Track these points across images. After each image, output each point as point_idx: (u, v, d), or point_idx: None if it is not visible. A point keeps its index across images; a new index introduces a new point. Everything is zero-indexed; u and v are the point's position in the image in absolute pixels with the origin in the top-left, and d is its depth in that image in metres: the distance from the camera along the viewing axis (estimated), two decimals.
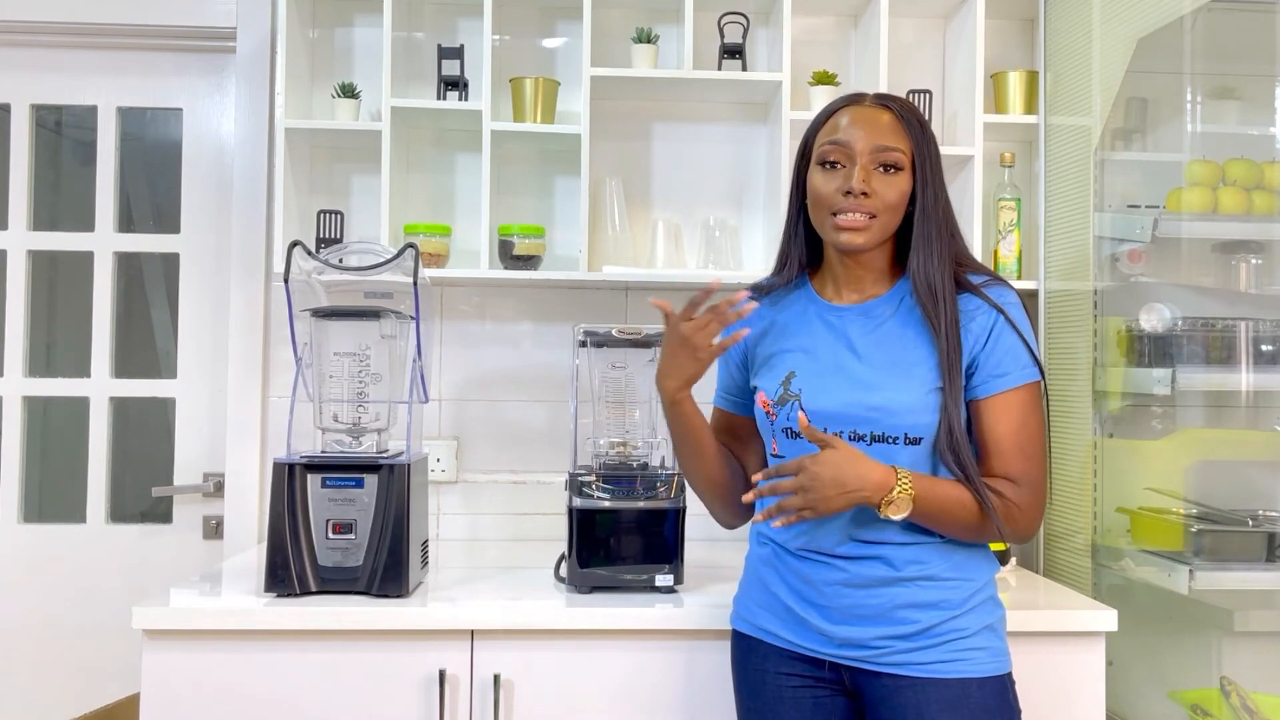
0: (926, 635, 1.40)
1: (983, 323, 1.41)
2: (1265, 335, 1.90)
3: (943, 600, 1.41)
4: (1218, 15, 1.88)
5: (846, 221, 1.41)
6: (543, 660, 1.69)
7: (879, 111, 1.44)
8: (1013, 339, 1.41)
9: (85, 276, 2.45)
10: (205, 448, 2.43)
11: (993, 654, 1.41)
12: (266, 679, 1.67)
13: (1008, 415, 1.40)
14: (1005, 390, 1.40)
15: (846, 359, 1.45)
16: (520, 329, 2.38)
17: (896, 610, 1.40)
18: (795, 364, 1.48)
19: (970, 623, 1.41)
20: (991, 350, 1.41)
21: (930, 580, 1.41)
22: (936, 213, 1.42)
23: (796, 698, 1.47)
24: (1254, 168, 1.97)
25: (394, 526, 1.74)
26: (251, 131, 2.35)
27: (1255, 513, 1.89)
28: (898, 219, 1.43)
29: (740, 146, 2.41)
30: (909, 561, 1.41)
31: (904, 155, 1.41)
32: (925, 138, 1.44)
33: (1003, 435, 1.40)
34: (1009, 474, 1.40)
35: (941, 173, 1.45)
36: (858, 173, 1.40)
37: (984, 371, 1.41)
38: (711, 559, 2.12)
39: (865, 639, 1.41)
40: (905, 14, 2.38)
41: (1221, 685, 1.82)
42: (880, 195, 1.40)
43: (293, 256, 1.79)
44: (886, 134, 1.42)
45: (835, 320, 1.49)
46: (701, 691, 1.70)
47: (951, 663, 1.39)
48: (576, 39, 2.33)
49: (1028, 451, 1.40)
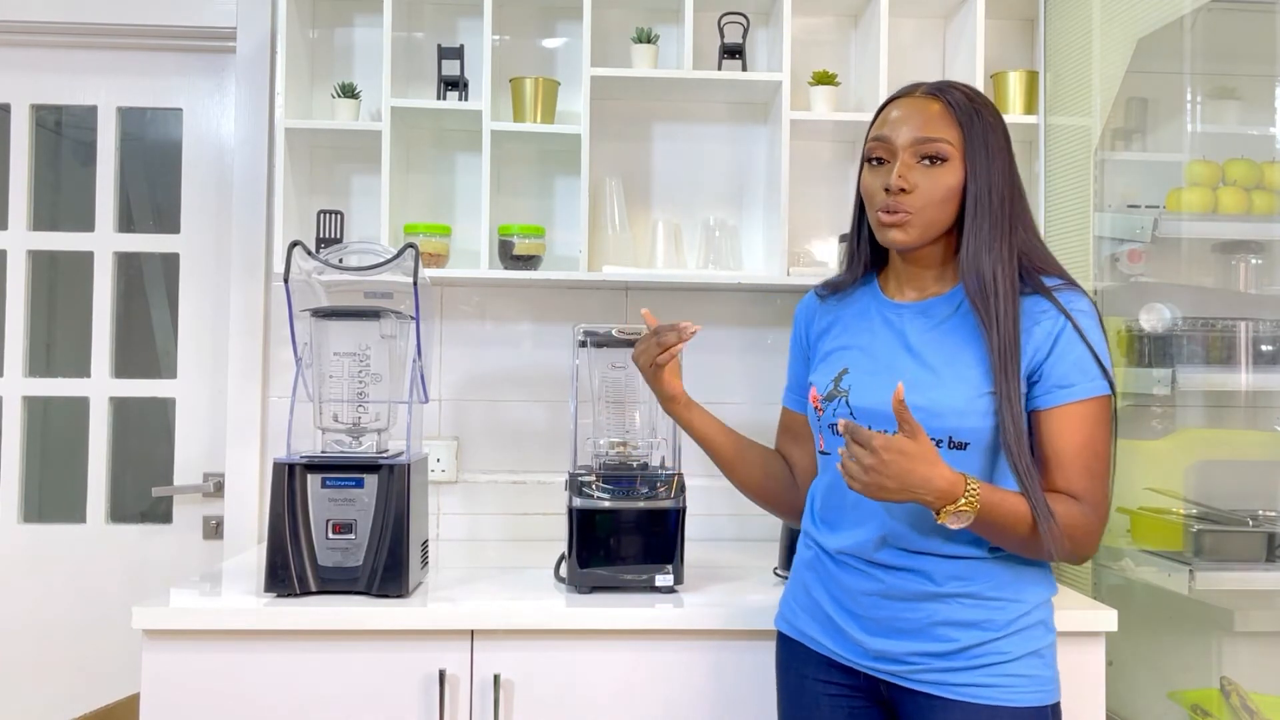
0: (964, 656, 1.33)
1: (1047, 328, 1.33)
2: (1265, 335, 1.90)
3: (985, 620, 1.34)
4: (1218, 15, 1.88)
5: (889, 219, 1.36)
6: (543, 660, 1.69)
7: (927, 102, 1.37)
8: (1080, 349, 1.32)
9: (85, 276, 2.45)
10: (205, 448, 2.43)
11: (1036, 683, 1.34)
12: (266, 679, 1.67)
13: (1071, 430, 1.31)
14: (1070, 403, 1.31)
15: (899, 358, 1.40)
16: (520, 329, 2.38)
17: (934, 627, 1.35)
18: (850, 361, 1.44)
19: (1013, 647, 1.33)
20: (1057, 359, 1.32)
21: (972, 598, 1.34)
22: (990, 203, 1.34)
23: (834, 706, 1.45)
24: (1254, 168, 1.97)
25: (394, 526, 1.74)
26: (251, 131, 2.35)
27: (1255, 513, 1.89)
28: (946, 213, 1.36)
29: (740, 146, 2.41)
30: (951, 577, 1.35)
31: (949, 145, 1.34)
32: (979, 124, 1.36)
33: (1066, 450, 1.31)
34: (1071, 491, 1.31)
35: (1004, 161, 1.36)
36: (897, 168, 1.35)
37: (1048, 381, 1.33)
38: (711, 559, 2.12)
39: (899, 653, 1.37)
40: (905, 14, 2.38)
41: (1221, 685, 1.82)
42: (921, 190, 1.35)
43: (293, 256, 1.79)
44: (930, 125, 1.35)
45: (894, 318, 1.44)
46: (702, 691, 1.70)
47: (988, 688, 1.32)
48: (576, 39, 2.33)
49: (1093, 469, 1.32)
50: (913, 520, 1.36)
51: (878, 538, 1.38)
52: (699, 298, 2.40)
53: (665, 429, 1.91)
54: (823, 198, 2.41)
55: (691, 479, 2.31)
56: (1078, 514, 1.30)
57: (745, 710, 1.70)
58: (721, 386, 2.39)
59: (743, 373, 2.40)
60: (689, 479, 2.14)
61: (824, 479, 1.50)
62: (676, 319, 2.34)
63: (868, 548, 1.39)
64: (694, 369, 2.36)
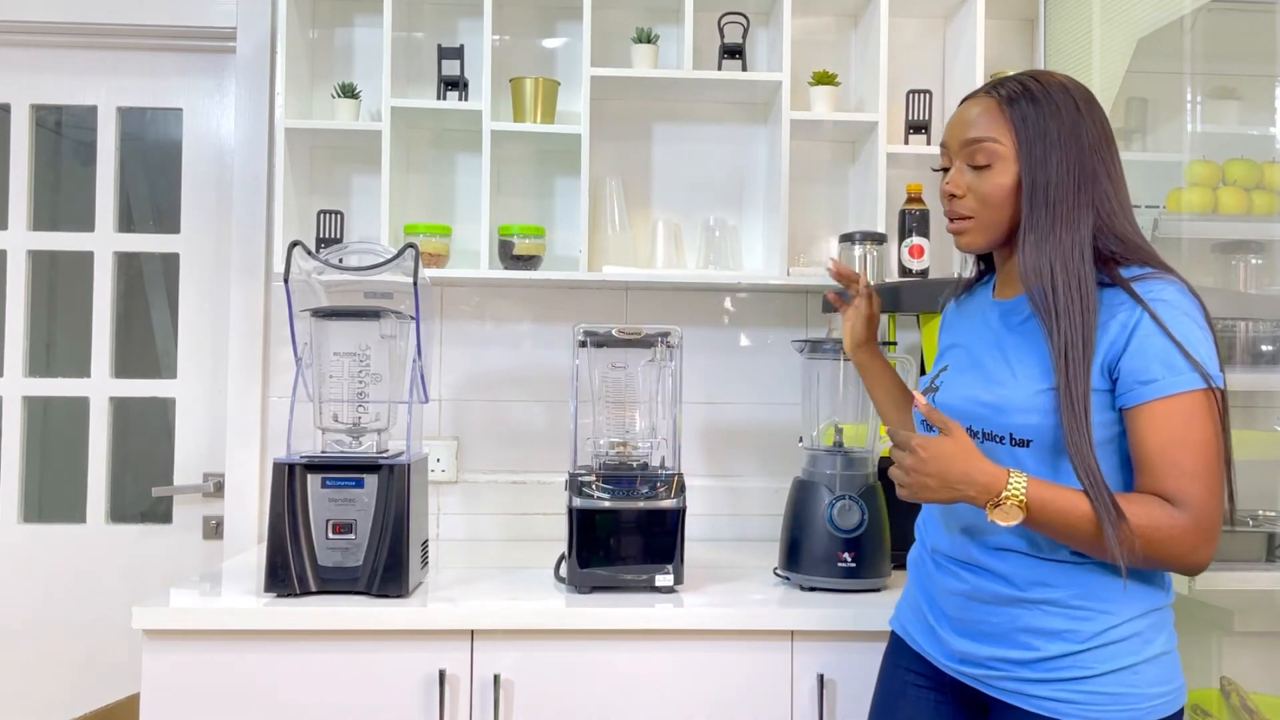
0: (1043, 666, 1.28)
1: (1123, 320, 1.24)
2: (1265, 335, 1.90)
3: (1069, 630, 1.27)
4: (1218, 15, 1.88)
5: (950, 227, 1.37)
6: (543, 660, 1.69)
7: (980, 100, 1.34)
8: (1161, 341, 1.21)
9: (85, 276, 2.45)
10: (205, 448, 2.43)
11: (1120, 700, 1.25)
12: (266, 679, 1.67)
13: (1157, 427, 1.21)
14: (1154, 399, 1.21)
15: (987, 355, 1.37)
16: (520, 329, 2.38)
17: (1017, 633, 1.30)
18: (952, 358, 1.44)
19: (1097, 662, 1.26)
20: (1135, 353, 1.23)
21: (1055, 606, 1.28)
22: (1046, 197, 1.27)
23: (919, 696, 1.44)
24: (1254, 168, 1.97)
25: (394, 526, 1.74)
26: (251, 131, 2.35)
27: (1255, 513, 1.89)
28: (1006, 213, 1.31)
29: (740, 146, 2.41)
30: (1034, 582, 1.29)
31: (999, 144, 1.30)
32: (1037, 115, 1.28)
33: (1153, 449, 1.22)
34: (1161, 492, 1.22)
35: (1070, 149, 1.28)
36: (951, 174, 1.35)
37: (1128, 377, 1.23)
38: (711, 559, 2.12)
39: (981, 657, 1.33)
40: (905, 14, 2.38)
41: (1221, 685, 1.82)
42: (974, 194, 1.32)
43: (293, 256, 1.79)
44: (977, 126, 1.31)
45: (992, 315, 1.41)
46: (701, 691, 1.70)
47: (1065, 703, 1.26)
48: (576, 39, 2.33)
49: (1185, 468, 1.20)
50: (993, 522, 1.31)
51: (963, 533, 1.35)
52: (699, 298, 2.40)
53: (665, 429, 1.91)
54: (823, 198, 2.41)
55: (691, 479, 2.32)
56: (1164, 516, 1.20)
57: (745, 710, 1.70)
58: (722, 386, 2.39)
59: (743, 373, 2.40)
60: (689, 479, 2.15)
61: None
62: (676, 319, 2.36)
63: (957, 545, 1.37)
64: (694, 369, 2.37)
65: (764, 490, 2.36)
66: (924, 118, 2.29)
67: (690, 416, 2.37)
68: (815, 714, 1.70)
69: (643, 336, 1.91)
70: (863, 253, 2.09)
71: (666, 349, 1.92)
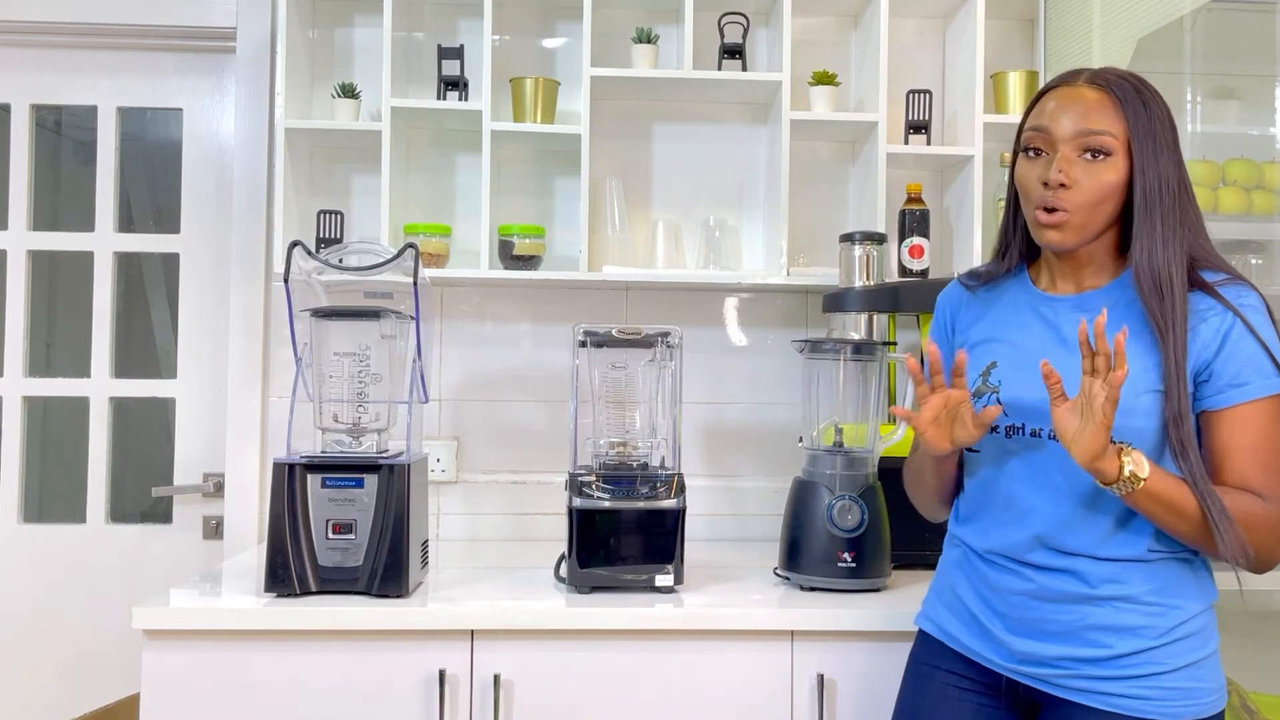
0: (1116, 664, 1.27)
1: (1215, 325, 1.26)
2: None
3: (1142, 627, 1.27)
4: (1218, 15, 1.88)
5: (1047, 219, 1.30)
6: (543, 660, 1.69)
7: (1089, 90, 1.30)
8: (1252, 345, 1.25)
9: (85, 276, 2.45)
10: (205, 448, 2.43)
11: (1192, 696, 1.27)
12: (266, 679, 1.67)
13: (1246, 429, 1.25)
14: (1245, 402, 1.25)
15: (1054, 353, 1.34)
16: (520, 329, 2.38)
17: (1087, 630, 1.29)
18: (998, 354, 1.39)
19: (1170, 657, 1.27)
20: (1229, 357, 1.26)
21: (1128, 602, 1.28)
22: (1161, 198, 1.27)
23: (961, 700, 1.41)
24: (1254, 168, 1.97)
25: (394, 526, 1.74)
26: (251, 131, 2.35)
27: None
28: (1105, 211, 1.30)
29: (740, 146, 2.41)
30: (1106, 579, 1.29)
31: (1114, 139, 1.27)
32: (1148, 116, 1.28)
33: (1242, 449, 1.25)
34: (1250, 488, 1.25)
35: (1173, 154, 1.30)
36: (1057, 161, 1.29)
37: (1220, 380, 1.26)
38: (711, 559, 2.12)
39: (1047, 656, 1.31)
40: (905, 14, 2.38)
41: None
42: (1081, 185, 1.28)
43: (293, 256, 1.79)
44: (1092, 116, 1.28)
45: (1048, 311, 1.37)
46: (701, 691, 1.70)
47: (1140, 699, 1.26)
48: (576, 39, 2.33)
49: (1272, 466, 1.25)
50: (1068, 521, 1.31)
51: (1031, 537, 1.33)
52: (699, 298, 2.40)
53: (665, 429, 1.91)
54: (823, 198, 2.41)
55: (691, 479, 2.32)
56: (1260, 509, 1.24)
57: (745, 710, 1.70)
58: (722, 386, 2.39)
59: (743, 373, 2.40)
60: (689, 479, 2.14)
61: (973, 478, 1.44)
62: (676, 319, 2.36)
63: (1020, 548, 1.34)
64: (694, 369, 2.37)
65: (764, 490, 2.36)
66: (924, 118, 2.29)
67: (690, 416, 2.37)
68: (815, 714, 1.70)
69: (643, 336, 1.91)
70: (863, 253, 2.09)
71: (666, 349, 1.92)
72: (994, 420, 1.30)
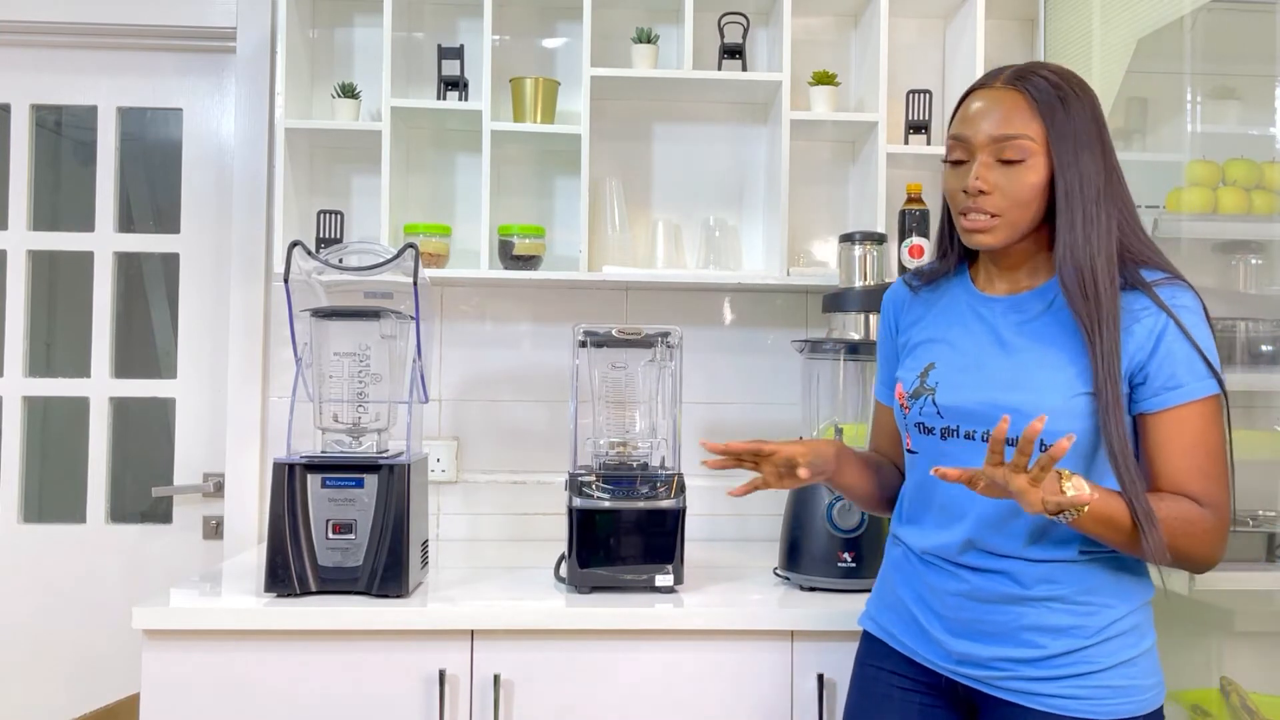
0: (1050, 664, 1.28)
1: (1149, 326, 1.25)
2: (1265, 335, 1.90)
3: (1074, 626, 1.28)
4: (1218, 15, 1.88)
5: (970, 223, 1.31)
6: (543, 660, 1.69)
7: (1005, 94, 1.30)
8: (1185, 347, 1.24)
9: (85, 276, 2.45)
10: (205, 448, 2.43)
11: (1125, 694, 1.27)
12: (266, 679, 1.67)
13: (1182, 431, 1.25)
14: (1180, 404, 1.24)
15: (990, 354, 1.34)
16: (520, 329, 2.38)
17: (1021, 631, 1.29)
18: (937, 355, 1.39)
19: (1103, 656, 1.27)
20: (1163, 360, 1.25)
21: (1061, 602, 1.28)
22: (1082, 196, 1.26)
23: (905, 700, 1.41)
24: (1254, 168, 1.97)
25: (394, 526, 1.74)
26: (251, 131, 2.35)
27: (1255, 513, 1.89)
28: (1030, 212, 1.29)
29: (740, 146, 2.41)
30: (1039, 580, 1.29)
31: (1031, 141, 1.27)
32: (1066, 114, 1.27)
33: (1178, 453, 1.25)
34: (1187, 493, 1.25)
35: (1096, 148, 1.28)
36: (975, 169, 1.29)
37: (1155, 383, 1.25)
38: (711, 559, 2.12)
39: (983, 657, 1.32)
40: (905, 14, 2.38)
41: (1221, 685, 1.82)
42: (1003, 191, 1.28)
43: (293, 256, 1.79)
44: (1009, 121, 1.28)
45: (985, 312, 1.37)
46: (702, 692, 1.70)
47: (1074, 699, 1.27)
48: (576, 39, 2.33)
49: (1207, 470, 1.24)
50: (999, 525, 1.31)
51: (964, 539, 1.33)
52: (699, 298, 2.40)
53: (665, 429, 1.91)
54: (823, 198, 2.41)
55: (691, 479, 2.32)
56: (1196, 514, 1.24)
57: (745, 710, 1.70)
58: (721, 387, 2.39)
59: (743, 373, 2.40)
60: (689, 479, 2.14)
61: (912, 478, 1.45)
62: (676, 319, 2.36)
63: (953, 549, 1.34)
64: (695, 369, 2.37)
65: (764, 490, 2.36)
66: (924, 118, 2.29)
67: (690, 416, 2.37)
68: (815, 714, 1.70)
69: (643, 336, 1.91)
70: (862, 253, 2.09)
71: (666, 349, 1.92)
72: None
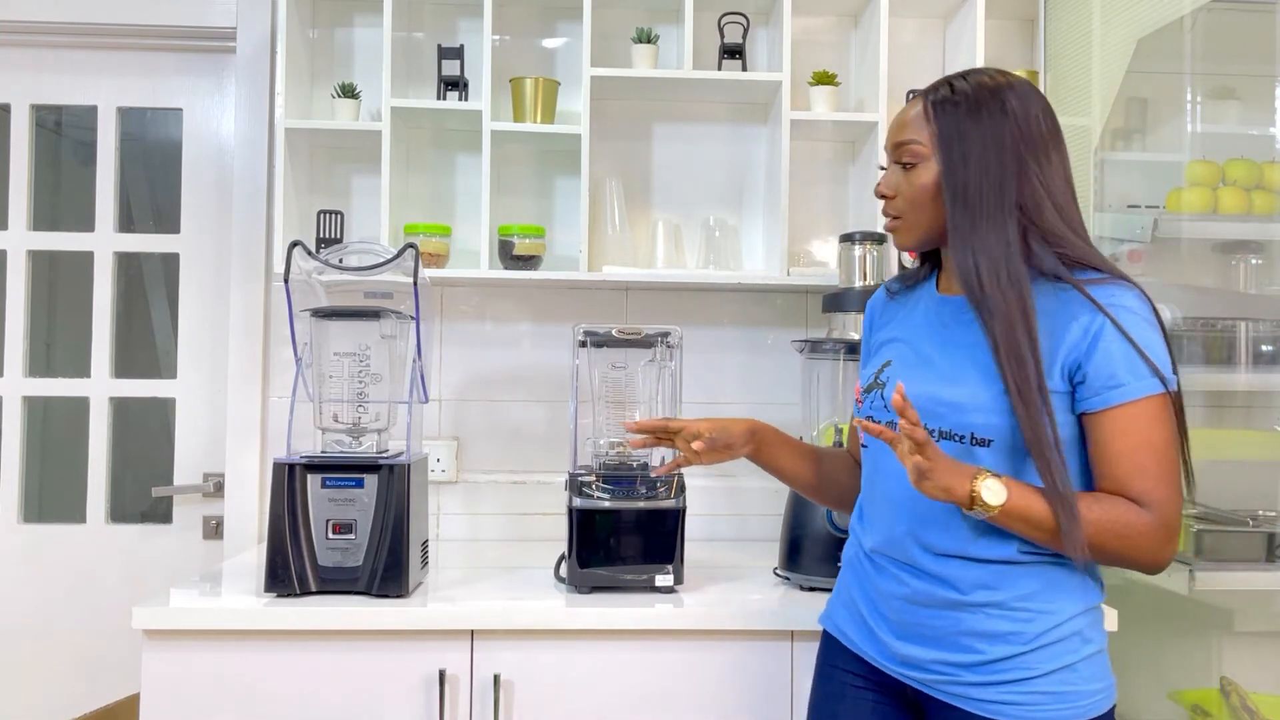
0: (988, 669, 1.28)
1: (1084, 325, 1.25)
2: (1265, 335, 1.90)
3: (1012, 633, 1.28)
4: (1218, 15, 1.88)
5: (886, 225, 1.41)
6: (543, 660, 1.69)
7: (914, 102, 1.37)
8: (1123, 346, 1.24)
9: (85, 276, 2.45)
10: (205, 448, 2.43)
11: (1063, 700, 1.27)
12: (266, 679, 1.67)
13: (1122, 430, 1.24)
14: (1120, 404, 1.24)
15: (936, 351, 1.37)
16: (520, 329, 2.38)
17: (960, 636, 1.30)
18: (895, 354, 1.43)
19: (1041, 662, 1.27)
20: (1101, 360, 1.24)
21: (999, 609, 1.29)
22: (966, 195, 1.29)
23: (858, 697, 1.43)
24: (1254, 168, 1.97)
25: (394, 526, 1.74)
26: (251, 131, 2.35)
27: (1255, 513, 1.89)
28: (928, 213, 1.34)
29: (740, 146, 2.41)
30: (977, 585, 1.29)
31: (921, 146, 1.33)
32: (958, 116, 1.30)
33: (1118, 452, 1.24)
34: (1128, 494, 1.24)
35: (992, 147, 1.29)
36: (884, 175, 1.40)
37: (1095, 382, 1.25)
38: (711, 559, 2.12)
39: (924, 660, 1.33)
40: (905, 14, 2.38)
41: (1221, 685, 1.82)
42: (901, 194, 1.36)
43: (293, 256, 1.79)
44: (903, 128, 1.36)
45: (939, 311, 1.41)
46: (702, 692, 1.70)
47: (1010, 704, 1.27)
48: (576, 39, 2.33)
49: (1150, 470, 1.23)
50: (938, 518, 1.32)
51: (904, 534, 1.35)
52: (699, 298, 2.40)
53: None
54: (823, 198, 2.41)
55: (691, 479, 2.32)
56: (1133, 516, 1.23)
57: (745, 710, 1.70)
58: (721, 386, 2.39)
59: (742, 373, 2.40)
60: (689, 479, 2.14)
61: (865, 473, 1.48)
62: (676, 319, 2.35)
63: (895, 546, 1.36)
64: (694, 369, 2.37)
65: (764, 490, 2.36)
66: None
67: (690, 416, 2.36)
68: None
69: (643, 336, 1.91)
70: (862, 253, 2.09)
71: (666, 349, 1.92)
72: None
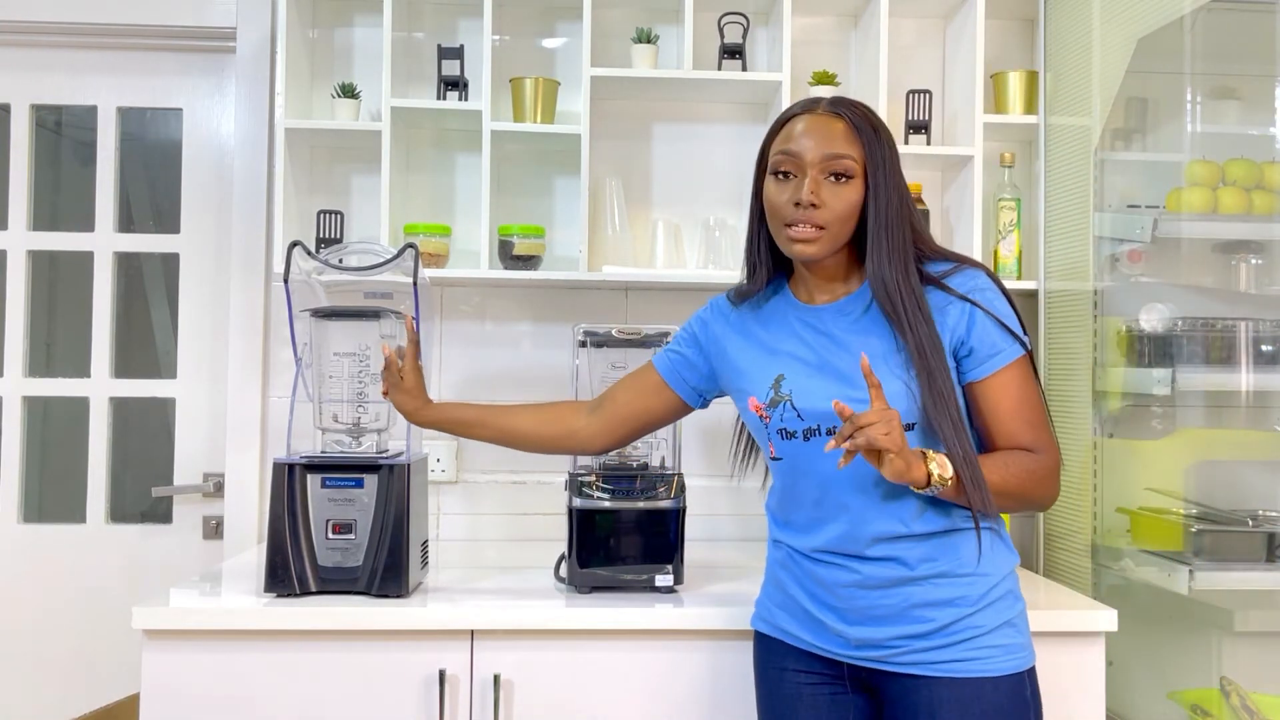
0: (942, 634, 1.39)
1: (958, 310, 1.42)
2: (1265, 335, 1.90)
3: (958, 597, 1.40)
4: (1218, 15, 1.88)
5: (797, 234, 1.42)
6: (543, 660, 1.69)
7: (831, 120, 1.44)
8: (990, 321, 1.42)
9: (85, 276, 2.45)
10: (205, 448, 2.43)
11: (1010, 651, 1.41)
12: (266, 679, 1.67)
13: (1007, 392, 1.42)
14: (998, 370, 1.42)
15: (832, 356, 1.46)
16: (520, 329, 2.38)
17: (912, 609, 1.41)
18: (783, 367, 1.49)
19: (987, 619, 1.40)
20: (980, 336, 1.42)
21: (944, 577, 1.41)
22: (889, 216, 1.42)
23: (814, 695, 1.49)
24: (1254, 168, 1.97)
25: (394, 527, 1.74)
26: (251, 131, 2.35)
27: (1255, 513, 1.89)
28: (849, 227, 1.44)
29: (740, 146, 2.41)
30: (922, 559, 1.41)
31: (854, 163, 1.41)
32: (879, 142, 1.43)
33: (1006, 411, 1.42)
34: (1022, 445, 1.42)
35: (897, 175, 1.44)
36: (807, 184, 1.41)
37: (976, 355, 1.42)
38: (711, 559, 2.12)
39: (881, 639, 1.42)
40: (905, 14, 2.38)
41: (1221, 685, 1.82)
42: (829, 206, 1.41)
43: (293, 256, 1.79)
44: (837, 142, 1.42)
45: (815, 321, 1.50)
46: (702, 691, 1.70)
47: (967, 661, 1.39)
48: (576, 39, 2.33)
49: (1033, 421, 1.43)
50: (881, 505, 1.41)
51: (851, 528, 1.43)
52: (699, 298, 2.38)
53: (665, 429, 1.91)
54: None
55: (691, 479, 2.32)
56: (1034, 462, 1.41)
57: (745, 710, 1.70)
58: None
59: None
60: (689, 479, 2.14)
61: (780, 484, 1.55)
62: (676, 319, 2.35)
63: (844, 542, 1.44)
64: None
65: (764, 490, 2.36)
66: (924, 118, 2.29)
67: (690, 416, 2.36)
68: None
69: (643, 336, 1.91)
70: None
71: None
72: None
